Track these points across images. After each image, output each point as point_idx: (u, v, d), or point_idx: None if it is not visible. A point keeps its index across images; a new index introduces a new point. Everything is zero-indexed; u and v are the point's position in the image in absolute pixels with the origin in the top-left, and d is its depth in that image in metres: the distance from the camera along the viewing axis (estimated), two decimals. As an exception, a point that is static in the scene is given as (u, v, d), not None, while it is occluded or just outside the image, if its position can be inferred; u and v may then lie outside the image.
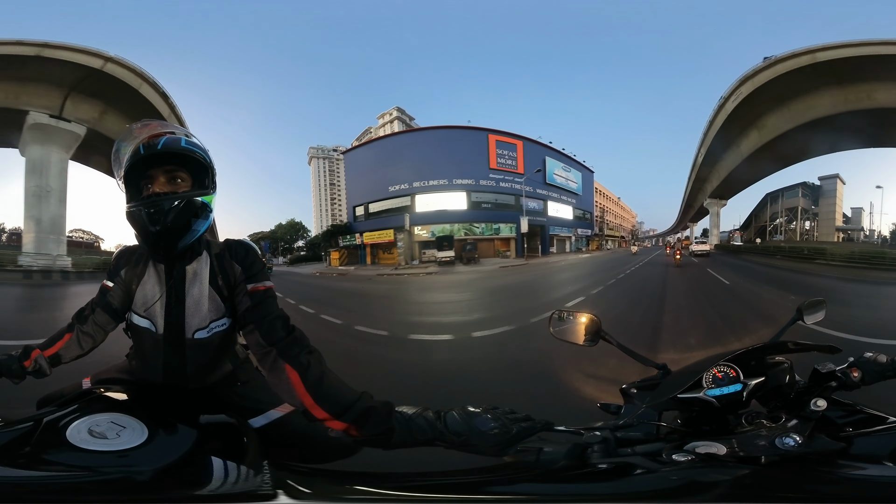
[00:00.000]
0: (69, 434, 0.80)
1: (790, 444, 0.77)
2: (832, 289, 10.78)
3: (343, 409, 0.91)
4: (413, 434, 0.89)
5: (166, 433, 0.86)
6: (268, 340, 1.04)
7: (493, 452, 0.87)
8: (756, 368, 1.00)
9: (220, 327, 1.18)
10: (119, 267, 1.24)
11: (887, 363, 0.93)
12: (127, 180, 1.12)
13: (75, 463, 0.76)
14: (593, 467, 0.80)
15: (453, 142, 36.21)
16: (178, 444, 0.83)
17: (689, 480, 0.75)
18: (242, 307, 1.14)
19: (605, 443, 0.84)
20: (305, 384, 0.94)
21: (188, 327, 1.16)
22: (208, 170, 1.17)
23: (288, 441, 1.15)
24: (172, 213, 1.07)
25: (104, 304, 1.24)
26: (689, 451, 0.79)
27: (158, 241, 1.10)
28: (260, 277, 1.17)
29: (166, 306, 1.16)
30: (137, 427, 0.85)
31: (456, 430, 0.88)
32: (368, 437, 0.90)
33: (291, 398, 0.96)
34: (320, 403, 0.92)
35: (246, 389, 1.26)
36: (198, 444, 0.84)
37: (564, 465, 0.82)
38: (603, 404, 1.10)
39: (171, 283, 1.16)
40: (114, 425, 0.84)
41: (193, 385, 1.20)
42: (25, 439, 0.80)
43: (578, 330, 1.26)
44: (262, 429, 1.14)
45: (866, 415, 0.87)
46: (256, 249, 1.26)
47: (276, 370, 1.00)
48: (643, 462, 0.79)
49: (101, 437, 0.81)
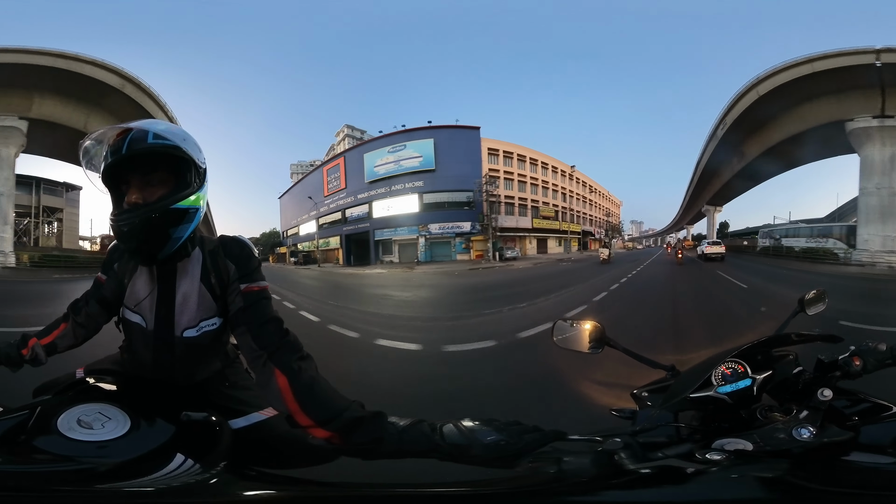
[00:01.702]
0: (59, 423, 0.82)
1: (805, 436, 0.77)
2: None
3: (330, 418, 0.89)
4: (404, 445, 0.86)
5: (146, 426, 0.87)
6: (259, 344, 1.01)
7: (499, 465, 0.83)
8: (763, 362, 1.00)
9: (211, 327, 1.14)
10: (112, 260, 1.22)
11: (886, 351, 0.93)
12: (108, 186, 1.05)
13: (60, 452, 0.77)
14: (632, 474, 0.75)
15: (314, 181, 53.38)
16: (151, 439, 0.84)
17: (731, 479, 0.73)
18: (235, 307, 1.10)
19: (629, 448, 0.80)
20: (293, 390, 0.93)
21: (177, 325, 1.13)
22: (188, 163, 1.06)
23: (263, 445, 1.11)
24: (145, 228, 1.01)
25: (98, 297, 1.24)
26: (718, 449, 0.78)
27: (140, 254, 1.07)
28: (254, 277, 1.13)
29: (156, 303, 1.13)
30: (122, 419, 0.86)
31: (454, 441, 0.85)
32: (351, 447, 0.88)
33: (278, 403, 0.95)
34: (306, 410, 0.90)
35: (233, 390, 1.23)
36: (172, 440, 0.85)
37: (597, 473, 0.78)
38: (617, 409, 1.08)
39: (161, 280, 1.13)
40: (101, 416, 0.86)
41: (181, 381, 1.18)
42: (21, 427, 0.82)
43: (582, 337, 1.25)
44: (240, 430, 1.11)
45: (870, 403, 0.87)
46: (252, 247, 1.21)
47: (265, 374, 0.98)
48: (681, 464, 0.76)
49: (87, 426, 0.83)
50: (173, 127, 1.08)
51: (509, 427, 0.87)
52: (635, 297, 9.82)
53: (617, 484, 0.76)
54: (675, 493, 0.72)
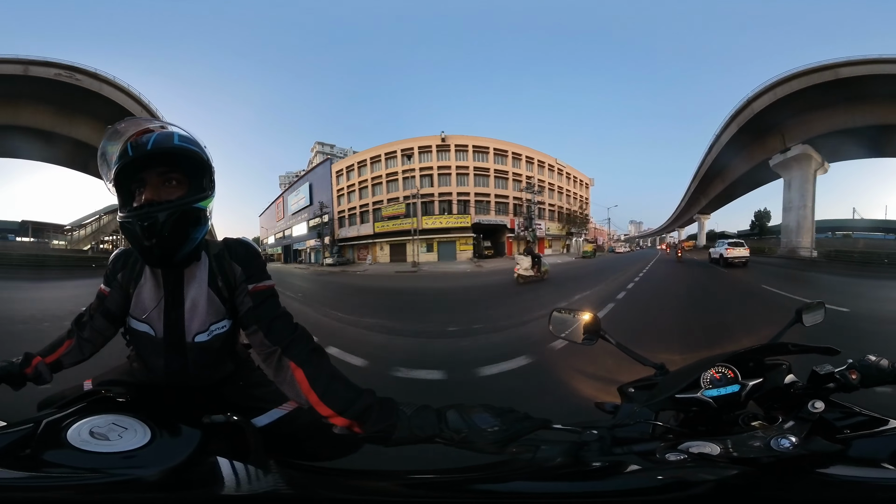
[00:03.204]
0: (69, 435, 0.80)
1: (785, 446, 0.77)
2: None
3: (347, 406, 0.91)
4: (414, 431, 0.89)
5: (170, 434, 0.86)
6: (272, 340, 1.04)
7: (491, 450, 0.86)
8: (754, 370, 1.00)
9: (221, 329, 1.16)
10: (115, 271, 1.19)
11: (888, 368, 0.90)
12: (117, 184, 1.04)
13: (78, 464, 0.75)
14: (586, 465, 0.80)
15: (271, 210, 72.27)
16: (183, 445, 0.83)
17: (677, 480, 0.74)
18: (244, 308, 1.11)
19: (600, 441, 0.84)
20: (310, 381, 0.95)
21: (188, 331, 1.13)
22: (206, 169, 1.09)
23: (292, 439, 1.14)
24: (168, 224, 1.01)
25: (102, 310, 1.20)
26: (682, 450, 0.78)
27: (155, 254, 1.05)
28: (261, 276, 1.14)
29: (165, 311, 1.13)
30: (139, 428, 0.85)
31: (456, 427, 0.88)
32: (370, 434, 0.90)
33: (297, 395, 0.97)
34: (325, 400, 0.93)
35: (248, 388, 1.24)
36: (202, 443, 0.84)
37: (559, 462, 0.82)
38: (598, 403, 1.09)
39: (169, 287, 1.13)
40: (115, 426, 0.84)
41: (195, 385, 1.18)
42: (25, 441, 0.79)
43: (578, 328, 1.27)
44: (265, 427, 1.13)
45: (865, 417, 0.86)
46: (256, 248, 1.23)
47: (281, 368, 1.00)
48: (635, 461, 0.79)
49: (102, 438, 0.81)
50: (191, 133, 1.11)
51: (504, 414, 0.90)
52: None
53: (568, 474, 0.80)
54: (609, 485, 0.76)
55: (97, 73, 26.47)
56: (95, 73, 26.43)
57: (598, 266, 23.29)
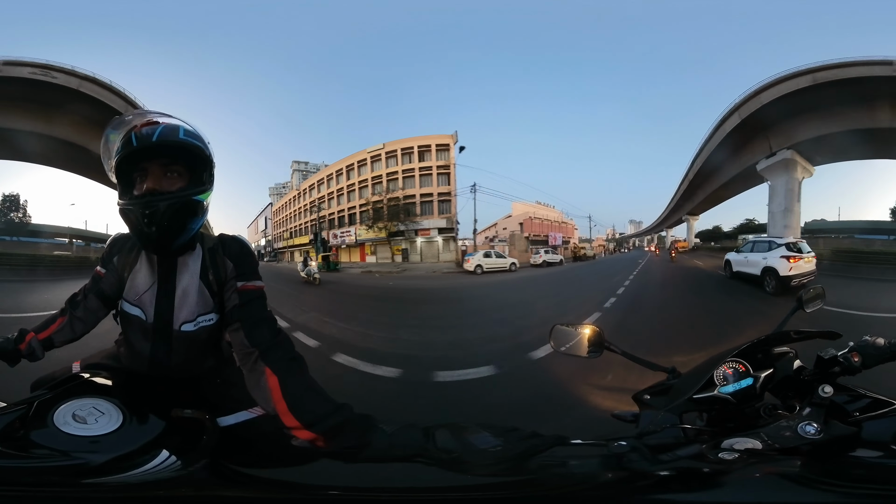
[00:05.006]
0: (55, 418, 0.82)
1: (811, 432, 0.78)
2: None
3: (316, 420, 0.89)
4: (392, 450, 0.84)
5: (137, 422, 0.87)
6: (251, 341, 1.04)
7: (494, 471, 0.80)
8: (763, 361, 1.01)
9: (208, 322, 1.16)
10: (112, 254, 1.22)
11: (885, 346, 0.92)
12: (119, 172, 1.07)
13: (55, 446, 0.77)
14: (650, 476, 0.75)
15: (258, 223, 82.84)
16: (141, 434, 0.84)
17: (759, 476, 0.73)
18: (230, 304, 1.13)
19: (637, 451, 0.79)
20: (283, 390, 0.94)
21: (176, 319, 1.14)
22: (207, 163, 1.12)
23: (248, 443, 1.10)
24: (169, 214, 1.04)
25: (96, 291, 1.22)
26: (728, 449, 0.77)
27: (153, 241, 1.08)
28: (251, 276, 1.16)
29: (157, 296, 1.15)
30: (115, 413, 0.86)
31: (446, 447, 0.84)
32: (336, 450, 0.87)
33: (265, 402, 0.96)
34: (293, 411, 0.91)
35: (225, 387, 1.23)
36: (160, 436, 0.85)
37: (610, 477, 0.77)
38: (616, 414, 1.07)
39: (162, 274, 1.15)
40: (95, 410, 0.86)
41: (176, 376, 1.18)
42: (21, 422, 0.83)
43: (581, 342, 1.24)
44: (229, 428, 1.10)
45: (871, 398, 0.87)
46: (251, 247, 1.25)
47: (255, 372, 1.00)
48: (698, 465, 0.76)
49: (81, 421, 0.83)
50: (196, 128, 1.14)
51: (507, 433, 0.87)
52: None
53: (638, 487, 0.74)
54: (700, 495, 0.71)
55: (75, 71, 26.08)
56: (73, 71, 26.04)
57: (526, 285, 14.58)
